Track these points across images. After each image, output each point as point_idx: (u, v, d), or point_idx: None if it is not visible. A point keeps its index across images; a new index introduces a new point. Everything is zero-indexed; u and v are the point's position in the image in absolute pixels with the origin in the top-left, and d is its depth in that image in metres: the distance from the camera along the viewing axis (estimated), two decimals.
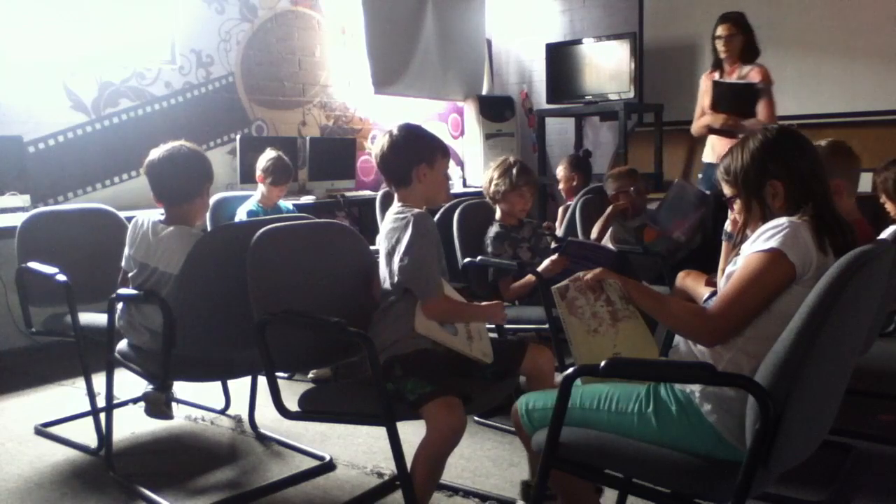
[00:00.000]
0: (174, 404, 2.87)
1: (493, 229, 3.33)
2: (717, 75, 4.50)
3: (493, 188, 3.32)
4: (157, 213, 2.60)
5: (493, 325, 2.92)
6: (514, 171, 3.28)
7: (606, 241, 3.87)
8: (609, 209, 3.93)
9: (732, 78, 4.41)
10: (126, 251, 2.59)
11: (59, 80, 4.46)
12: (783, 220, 1.66)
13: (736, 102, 4.29)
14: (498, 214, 3.39)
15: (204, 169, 2.61)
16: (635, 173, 4.20)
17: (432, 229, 2.21)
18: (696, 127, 4.60)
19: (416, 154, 2.24)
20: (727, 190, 1.84)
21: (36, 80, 4.33)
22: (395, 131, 2.26)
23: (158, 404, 2.72)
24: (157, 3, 4.91)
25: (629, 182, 4.07)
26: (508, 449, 2.73)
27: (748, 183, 1.76)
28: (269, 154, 4.13)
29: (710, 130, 4.47)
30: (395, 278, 2.15)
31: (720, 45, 4.42)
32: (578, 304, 1.85)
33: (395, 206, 2.27)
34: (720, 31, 4.44)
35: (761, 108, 4.26)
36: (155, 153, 2.57)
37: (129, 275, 2.57)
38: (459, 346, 2.16)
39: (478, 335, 2.23)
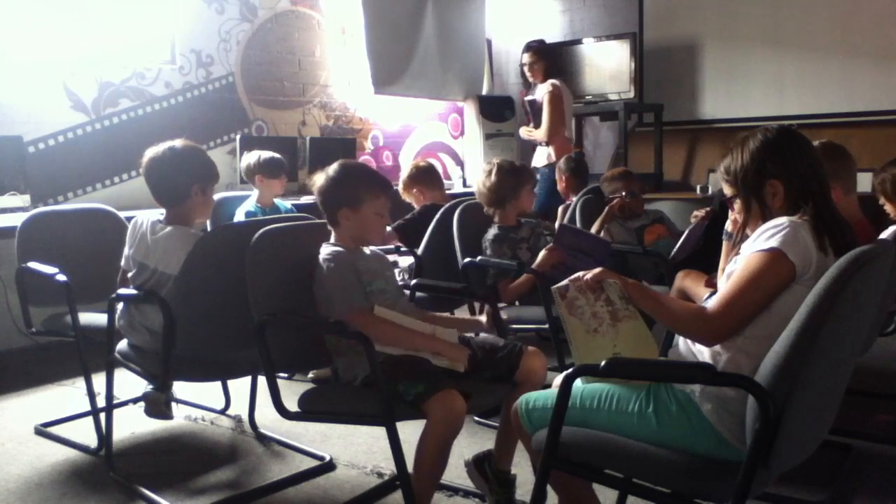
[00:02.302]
0: (174, 404, 2.87)
1: (492, 231, 3.32)
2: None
3: (501, 192, 3.30)
4: (158, 213, 2.60)
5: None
6: (516, 169, 3.29)
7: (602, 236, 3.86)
8: (604, 212, 3.93)
9: (537, 93, 5.35)
10: (126, 251, 2.59)
11: (59, 80, 4.45)
12: (783, 219, 1.66)
13: (534, 115, 5.32)
14: (497, 217, 3.38)
15: (196, 166, 2.57)
16: (628, 176, 4.18)
17: (346, 265, 2.20)
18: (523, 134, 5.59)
19: (338, 198, 2.27)
20: (727, 190, 1.84)
21: (36, 80, 4.33)
22: (330, 170, 2.31)
23: (158, 404, 2.72)
24: (157, 3, 4.90)
25: (622, 186, 4.05)
26: None
27: (748, 182, 1.76)
28: (250, 156, 4.07)
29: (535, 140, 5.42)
30: (318, 309, 2.22)
31: (526, 70, 5.40)
32: (578, 304, 1.85)
33: (324, 244, 2.30)
34: (524, 58, 5.40)
35: (543, 119, 5.21)
36: (148, 154, 2.56)
37: (129, 275, 2.57)
38: (422, 355, 2.13)
39: (447, 336, 2.19)
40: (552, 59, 5.45)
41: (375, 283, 2.26)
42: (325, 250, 2.25)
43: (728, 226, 2.19)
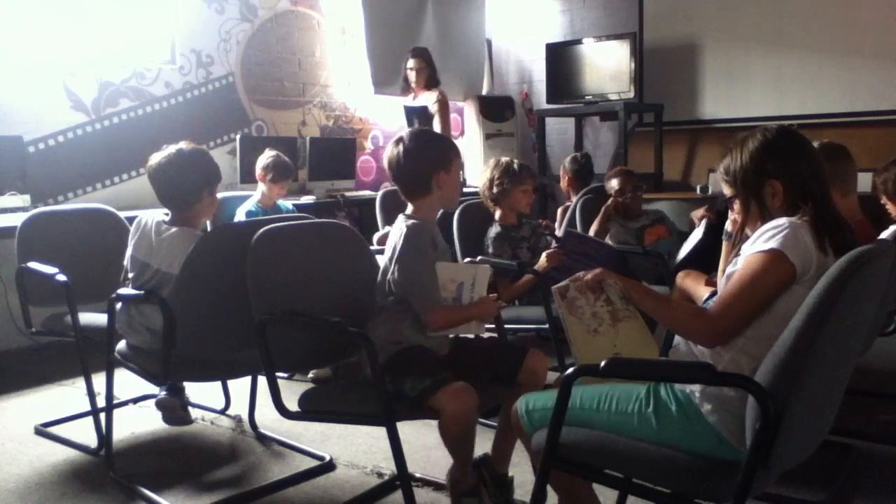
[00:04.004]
0: (189, 407, 2.86)
1: (494, 230, 3.33)
2: (410, 98, 5.44)
3: (496, 189, 3.32)
4: (162, 213, 2.60)
5: (492, 326, 2.92)
6: (516, 166, 3.31)
7: (608, 242, 3.86)
8: (601, 212, 3.92)
9: (418, 101, 5.38)
10: (129, 251, 2.59)
11: (59, 80, 4.45)
12: (783, 220, 1.66)
13: (419, 122, 5.28)
14: (497, 215, 3.40)
15: (205, 170, 2.58)
16: (628, 174, 4.17)
17: (427, 241, 2.19)
18: None
19: (434, 161, 2.20)
20: (727, 190, 1.84)
21: (36, 80, 4.33)
22: (406, 139, 2.22)
23: (174, 409, 2.72)
24: (157, 3, 4.91)
25: (622, 183, 4.06)
26: None
27: (747, 182, 1.76)
28: (268, 153, 4.17)
29: None
30: (394, 288, 2.17)
31: (412, 76, 5.40)
32: (578, 304, 1.85)
33: (401, 216, 2.25)
34: (412, 64, 5.42)
35: (436, 126, 5.26)
36: (155, 158, 2.55)
37: (130, 275, 2.57)
38: (472, 331, 2.23)
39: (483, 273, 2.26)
40: (434, 67, 5.49)
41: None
42: (405, 222, 2.19)
43: (728, 226, 2.19)
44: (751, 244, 1.67)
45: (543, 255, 3.13)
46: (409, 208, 2.27)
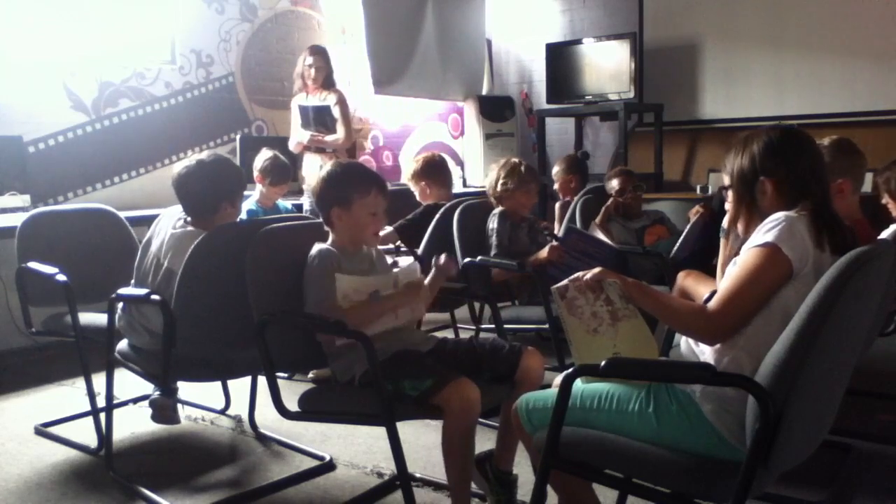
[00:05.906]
0: (179, 407, 2.86)
1: (495, 215, 3.37)
2: (302, 98, 5.03)
3: (500, 187, 3.37)
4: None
5: (492, 325, 2.91)
6: (523, 169, 3.38)
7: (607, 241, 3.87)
8: (601, 212, 3.93)
9: (315, 100, 5.00)
10: (147, 236, 2.62)
11: (59, 80, 4.46)
12: (780, 214, 1.66)
13: (319, 121, 4.96)
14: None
15: (226, 183, 2.60)
16: (627, 174, 4.18)
17: (331, 264, 2.18)
18: (292, 145, 5.04)
19: (329, 198, 2.25)
20: (727, 181, 1.86)
21: (36, 80, 4.33)
22: (322, 171, 2.31)
23: (165, 410, 2.72)
24: (157, 3, 4.91)
25: (623, 183, 4.06)
26: None
27: (743, 177, 1.78)
28: (265, 154, 4.14)
29: (305, 147, 5.01)
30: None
31: (311, 73, 5.00)
32: (578, 304, 1.85)
33: (317, 242, 2.28)
34: (311, 61, 5.02)
35: (340, 125, 4.93)
36: (178, 167, 2.58)
37: (137, 265, 2.58)
38: (390, 325, 2.19)
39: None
40: (332, 68, 5.13)
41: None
42: (314, 249, 2.24)
43: (724, 223, 2.19)
44: (750, 240, 1.68)
45: (544, 249, 3.15)
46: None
